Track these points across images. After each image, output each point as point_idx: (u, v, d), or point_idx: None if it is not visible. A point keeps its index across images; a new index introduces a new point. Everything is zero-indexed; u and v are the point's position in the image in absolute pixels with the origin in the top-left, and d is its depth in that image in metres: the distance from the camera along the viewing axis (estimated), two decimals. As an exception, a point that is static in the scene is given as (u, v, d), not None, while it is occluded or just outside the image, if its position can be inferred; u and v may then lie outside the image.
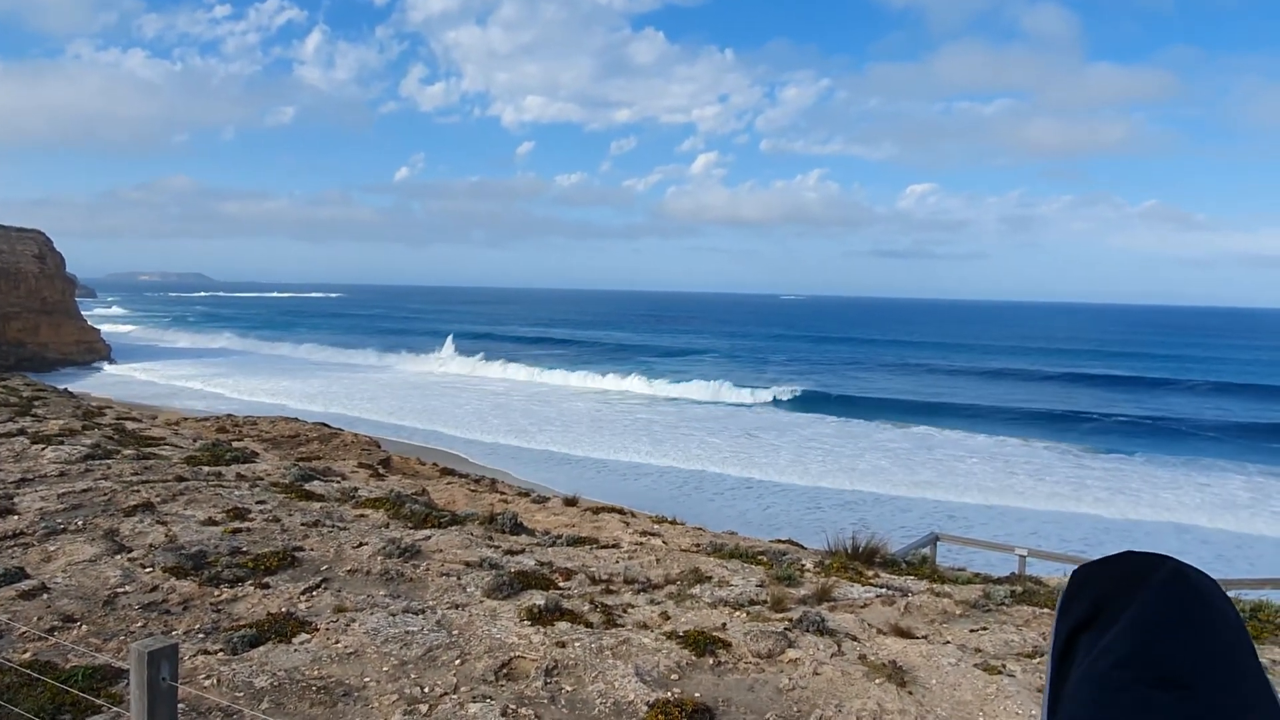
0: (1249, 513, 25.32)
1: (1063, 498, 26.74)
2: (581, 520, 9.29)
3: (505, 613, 5.41)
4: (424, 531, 7.30)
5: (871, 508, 24.73)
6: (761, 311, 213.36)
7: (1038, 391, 56.44)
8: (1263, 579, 11.39)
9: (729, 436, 36.69)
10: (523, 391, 51.26)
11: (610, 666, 4.71)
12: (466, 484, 13.96)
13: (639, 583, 6.14)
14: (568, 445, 33.07)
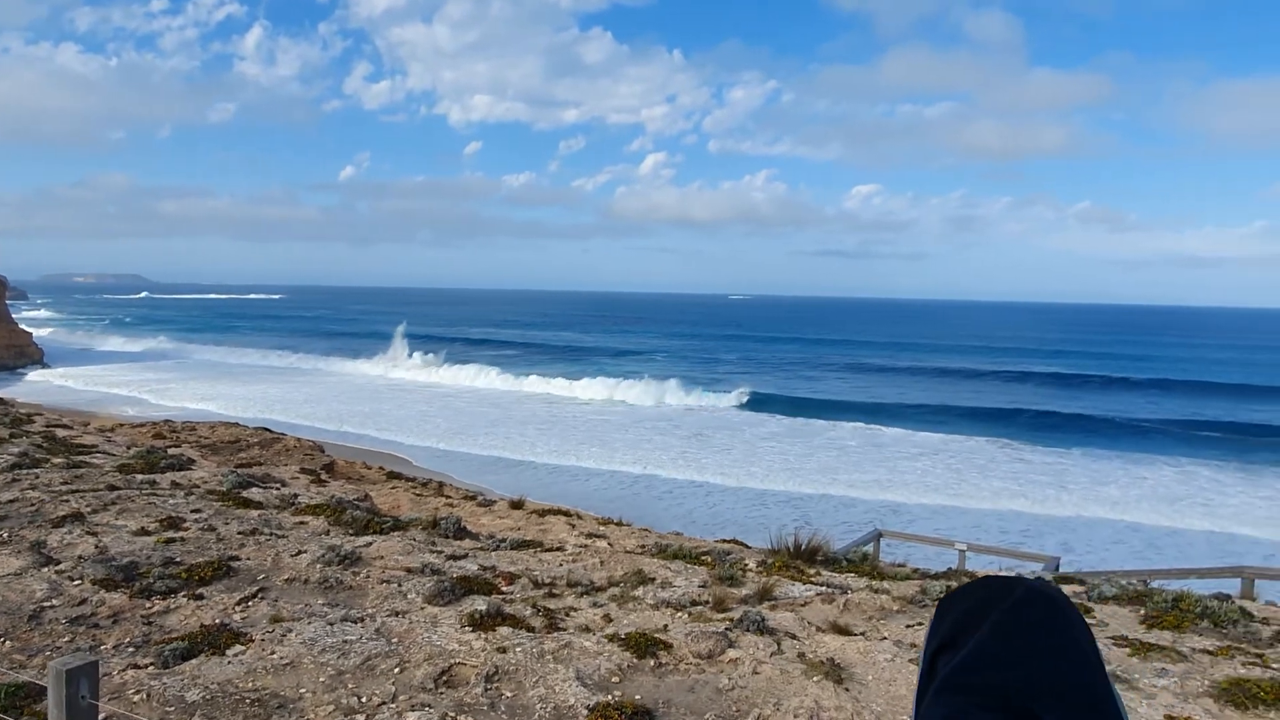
0: (1182, 505, 26.24)
1: (1005, 493, 27.40)
2: (527, 523, 9.26)
3: (446, 619, 5.37)
4: (365, 538, 7.20)
5: (818, 506, 25.05)
6: (710, 311, 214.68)
7: (981, 389, 57.71)
8: (1186, 569, 11.83)
9: (679, 437, 36.83)
10: (471, 394, 50.85)
11: (551, 671, 4.71)
12: (412, 488, 13.79)
13: (582, 585, 6.15)
14: (517, 448, 32.88)
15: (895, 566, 8.50)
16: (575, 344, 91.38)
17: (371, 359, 66.32)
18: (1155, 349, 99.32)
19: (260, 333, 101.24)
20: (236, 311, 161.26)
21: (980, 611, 0.79)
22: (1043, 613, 0.78)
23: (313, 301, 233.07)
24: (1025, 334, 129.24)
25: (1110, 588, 6.56)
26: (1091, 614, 6.10)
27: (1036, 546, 19.19)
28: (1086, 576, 8.08)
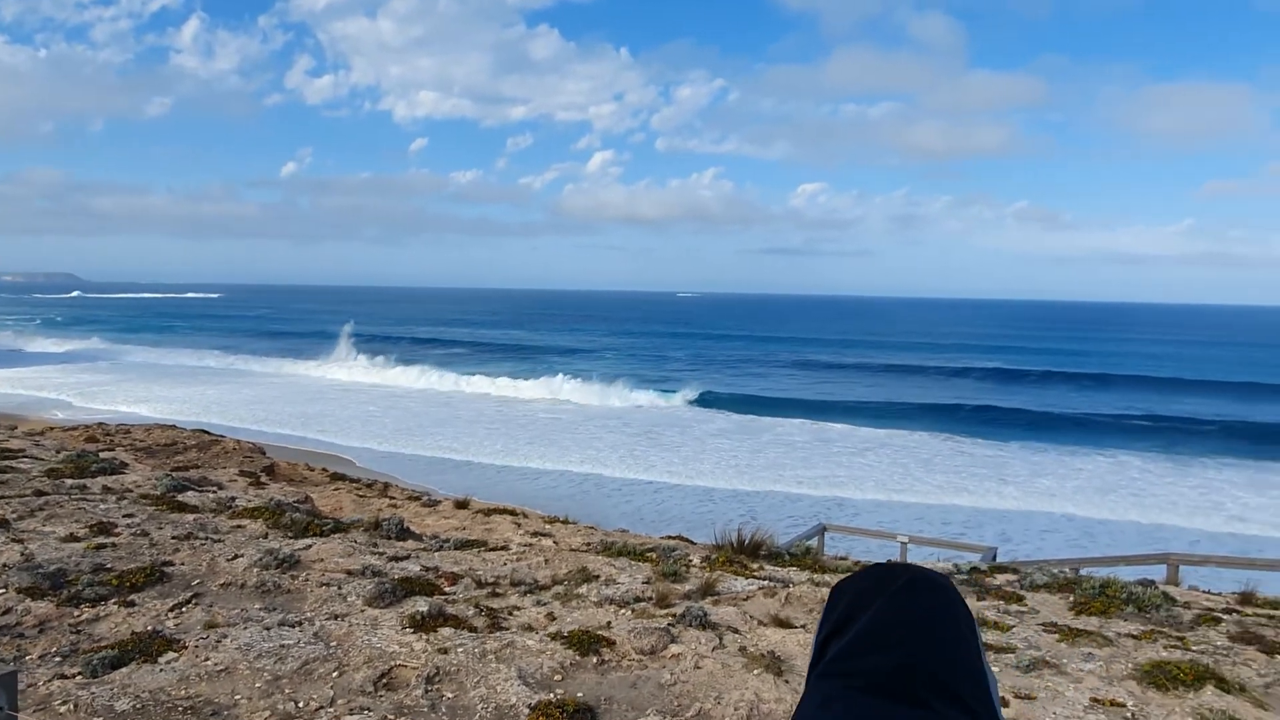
0: (1115, 495, 27.10)
1: (949, 486, 28.00)
2: (473, 523, 9.19)
3: (387, 621, 5.32)
4: (305, 540, 7.09)
5: (764, 502, 25.32)
6: (659, 309, 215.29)
7: (925, 385, 58.85)
8: (1116, 556, 12.25)
9: (627, 435, 36.88)
10: (418, 394, 50.24)
11: (493, 671, 4.70)
12: (355, 489, 13.60)
13: (526, 584, 6.13)
14: (464, 448, 32.59)
15: (838, 559, 8.63)
16: (524, 343, 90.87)
17: (316, 359, 65.09)
18: (1090, 344, 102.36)
19: (199, 333, 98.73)
20: (174, 311, 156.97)
21: (867, 598, 0.82)
22: (926, 599, 0.81)
23: (254, 301, 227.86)
24: (967, 330, 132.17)
25: (1042, 576, 6.76)
26: (1024, 602, 6.28)
27: (976, 537, 19.67)
28: (1020, 565, 8.32)
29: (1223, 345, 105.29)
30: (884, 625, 0.78)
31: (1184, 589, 8.20)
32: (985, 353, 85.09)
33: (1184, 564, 11.04)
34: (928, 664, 0.74)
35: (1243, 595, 7.03)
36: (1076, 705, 4.59)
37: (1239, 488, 28.65)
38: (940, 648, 0.76)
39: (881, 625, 0.78)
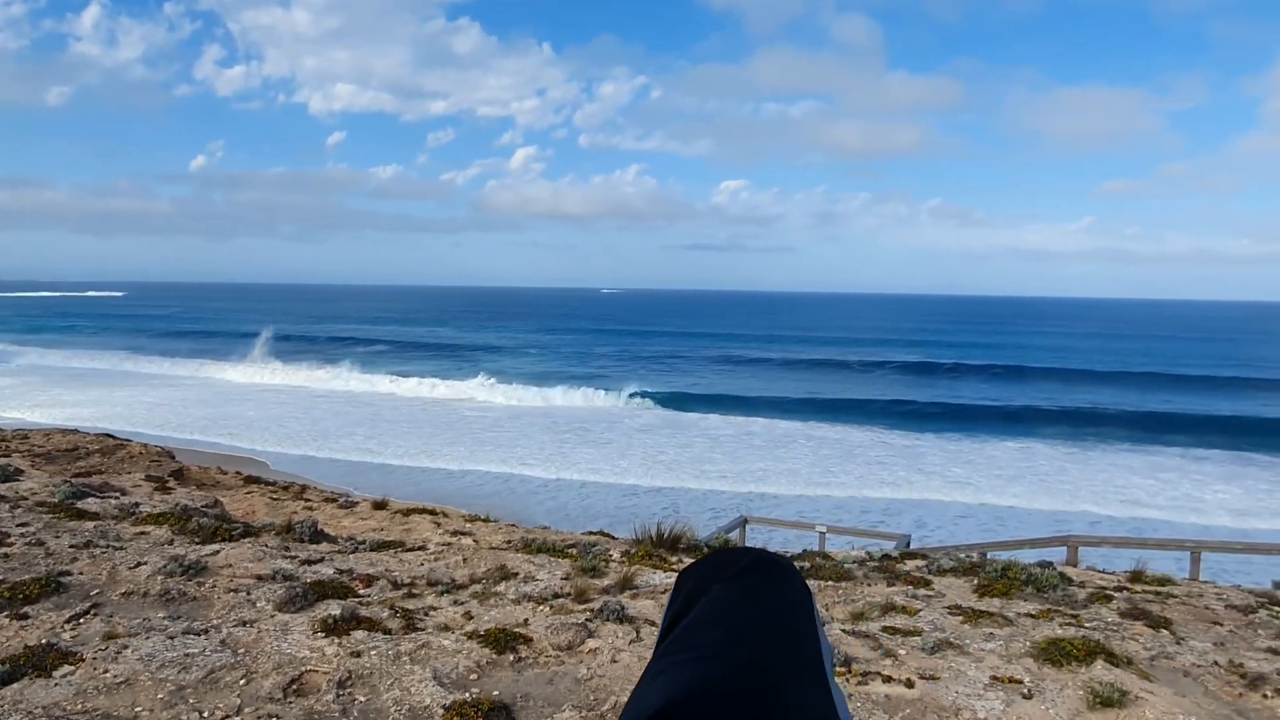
0: (1023, 482, 28.20)
1: (870, 477, 28.69)
2: (391, 523, 9.05)
3: (298, 626, 5.20)
4: (213, 546, 6.88)
5: (690, 496, 25.55)
6: (583, 306, 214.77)
7: (846, 378, 60.20)
8: (1020, 540, 12.78)
9: (553, 432, 36.75)
10: (339, 395, 49.07)
11: (407, 672, 4.64)
12: (270, 492, 13.22)
13: (443, 584, 6.07)
14: (386, 449, 31.97)
15: (756, 551, 8.79)
16: (448, 341, 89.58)
17: (230, 360, 62.94)
18: (1002, 337, 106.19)
19: (105, 333, 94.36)
20: (78, 310, 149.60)
21: (708, 581, 0.85)
22: (764, 579, 0.84)
23: (165, 298, 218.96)
24: (885, 325, 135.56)
25: (949, 561, 7.01)
26: (931, 586, 6.50)
27: (894, 525, 20.25)
28: (929, 551, 8.60)
29: (1121, 338, 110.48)
30: (720, 606, 0.81)
31: (1082, 569, 8.60)
32: (903, 347, 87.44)
33: (1082, 545, 11.60)
34: (759, 643, 0.77)
35: (1133, 573, 7.42)
36: (977, 684, 4.78)
37: (1135, 472, 30.15)
38: (774, 628, 0.79)
39: (718, 606, 0.81)
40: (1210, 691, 4.90)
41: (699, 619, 0.80)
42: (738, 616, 0.79)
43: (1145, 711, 4.48)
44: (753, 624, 0.78)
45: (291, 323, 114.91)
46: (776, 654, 0.75)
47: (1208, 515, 24.18)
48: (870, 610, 5.87)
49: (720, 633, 0.77)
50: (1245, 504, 25.83)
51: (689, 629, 0.79)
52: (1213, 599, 6.67)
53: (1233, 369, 66.25)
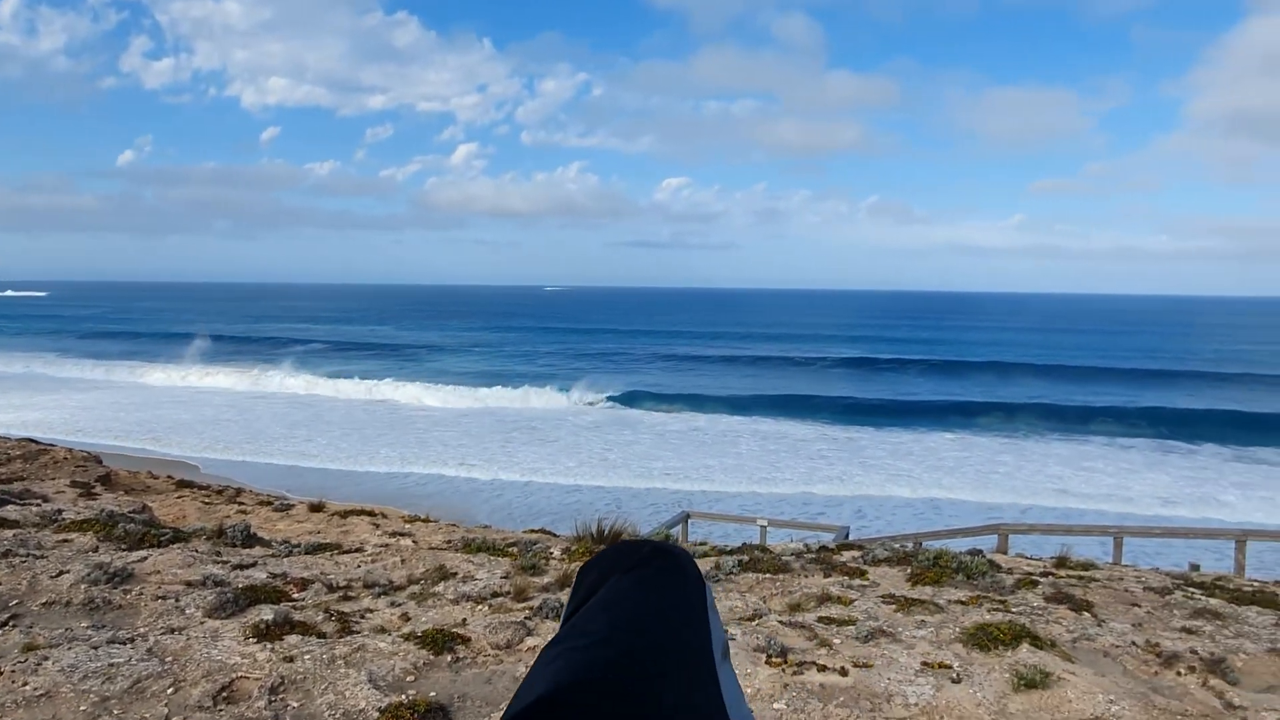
0: (960, 473, 28.91)
1: (815, 472, 29.09)
2: (328, 525, 8.90)
3: (228, 632, 5.09)
4: (140, 552, 6.68)
5: (635, 493, 25.61)
6: (527, 304, 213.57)
7: (789, 374, 60.95)
8: (954, 529, 13.13)
9: (498, 431, 36.50)
10: (277, 397, 48.00)
11: (342, 676, 4.58)
12: (203, 496, 12.89)
13: (380, 585, 6.00)
14: (326, 453, 31.36)
15: (697, 545, 8.85)
16: (389, 340, 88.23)
17: (162, 362, 61.11)
18: (941, 332, 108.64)
19: (27, 335, 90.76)
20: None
21: (608, 572, 0.87)
22: (658, 571, 0.86)
23: (92, 298, 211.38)
24: (827, 320, 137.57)
25: (883, 551, 7.16)
26: (866, 576, 6.64)
27: (835, 517, 20.60)
28: (865, 542, 8.78)
29: (1052, 331, 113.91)
30: (613, 596, 0.83)
31: (1012, 556, 8.86)
32: (845, 342, 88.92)
33: (1013, 533, 11.97)
34: (645, 630, 0.77)
35: (1058, 559, 7.68)
36: (909, 670, 4.90)
37: (1065, 462, 31.17)
38: (663, 616, 0.80)
39: (612, 596, 0.83)
40: (1128, 670, 5.09)
41: (591, 609, 0.82)
42: (627, 605, 0.81)
43: (1067, 692, 4.64)
44: (641, 613, 0.80)
45: (227, 322, 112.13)
46: (664, 641, 0.77)
47: (1133, 504, 25.09)
48: (807, 601, 5.97)
49: (609, 621, 0.78)
50: (1168, 491, 26.87)
51: (581, 618, 0.80)
52: (1132, 582, 6.94)
53: (1155, 361, 68.87)
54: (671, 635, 0.78)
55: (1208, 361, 70.29)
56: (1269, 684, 5.03)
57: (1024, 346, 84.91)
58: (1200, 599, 6.35)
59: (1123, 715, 4.43)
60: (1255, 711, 4.57)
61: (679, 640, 0.78)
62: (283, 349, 75.65)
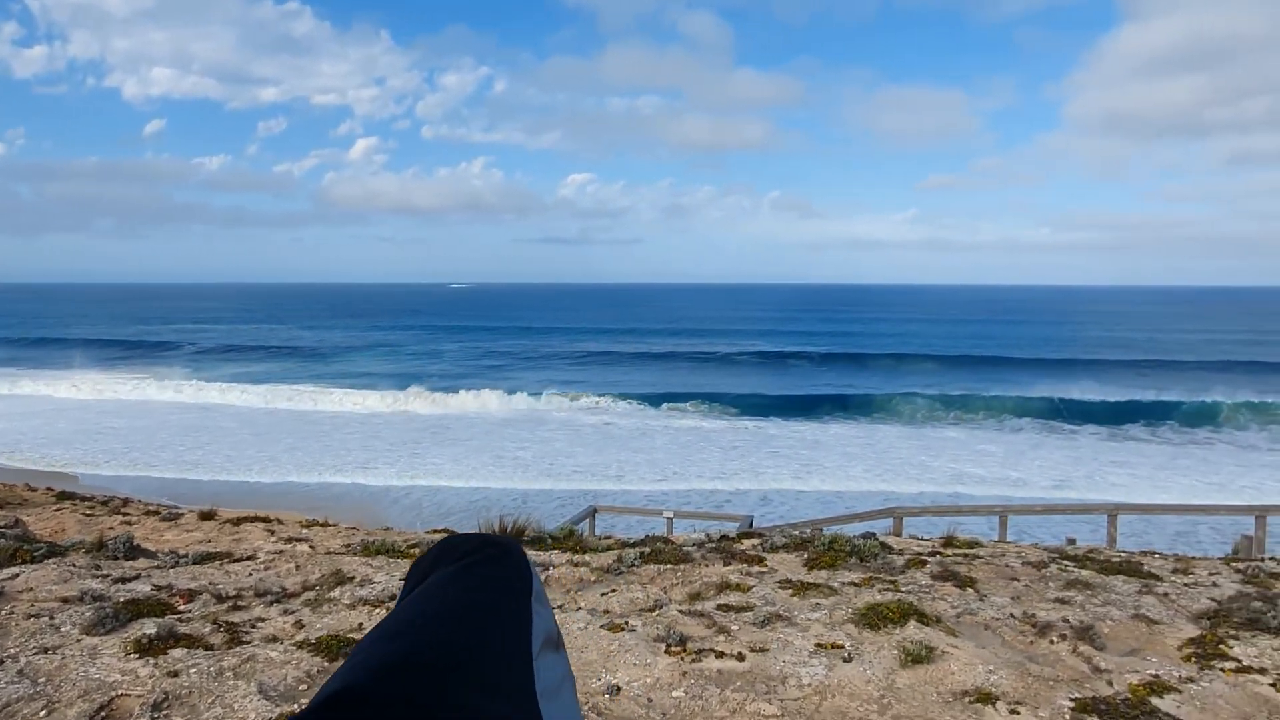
0: (862, 461, 29.85)
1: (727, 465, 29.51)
2: (219, 534, 8.57)
3: (108, 649, 4.87)
4: (11, 569, 6.32)
5: (542, 491, 25.51)
6: (432, 302, 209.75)
7: (697, 369, 61.75)
8: (851, 514, 13.59)
9: (405, 433, 35.80)
10: (168, 404, 45.84)
11: (231, 688, 4.44)
12: (85, 508, 12.22)
13: (273, 593, 5.83)
14: (219, 463, 30.10)
15: (602, 539, 8.90)
16: (289, 342, 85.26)
17: (40, 369, 57.58)
18: (839, 324, 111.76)
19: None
20: None
21: (434, 567, 0.87)
22: (479, 563, 0.86)
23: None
24: (734, 315, 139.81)
25: (781, 538, 7.35)
26: (765, 563, 6.80)
27: (742, 508, 20.99)
28: (766, 530, 8.99)
29: (943, 322, 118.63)
30: (431, 591, 0.83)
31: (905, 538, 9.21)
32: (753, 336, 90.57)
33: (907, 516, 12.46)
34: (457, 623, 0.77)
35: (946, 539, 8.03)
36: (803, 652, 5.05)
37: (960, 445, 32.60)
38: (481, 608, 0.80)
39: (429, 591, 0.82)
40: (1006, 642, 5.37)
41: (406, 603, 0.82)
42: (440, 599, 0.80)
43: (950, 664, 4.87)
44: (452, 606, 0.80)
45: (113, 326, 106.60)
46: (471, 634, 0.77)
47: (1020, 484, 26.38)
48: (707, 590, 6.08)
49: (418, 614, 0.78)
50: (1053, 470, 28.38)
51: (393, 613, 0.81)
52: (1013, 557, 7.32)
53: (1038, 350, 72.54)
54: (477, 628, 0.77)
55: (1085, 348, 74.56)
56: (1132, 647, 5.38)
57: (920, 337, 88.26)
58: (1073, 571, 6.74)
59: (1000, 684, 4.68)
60: (1119, 673, 4.89)
61: (488, 632, 0.77)
62: (174, 353, 72.38)
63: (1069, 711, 4.38)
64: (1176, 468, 29.22)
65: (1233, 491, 24.62)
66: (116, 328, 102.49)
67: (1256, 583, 6.51)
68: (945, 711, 4.44)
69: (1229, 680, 4.77)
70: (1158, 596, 6.14)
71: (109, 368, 59.02)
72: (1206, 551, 12.21)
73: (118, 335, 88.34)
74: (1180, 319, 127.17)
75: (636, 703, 4.47)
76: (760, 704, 4.47)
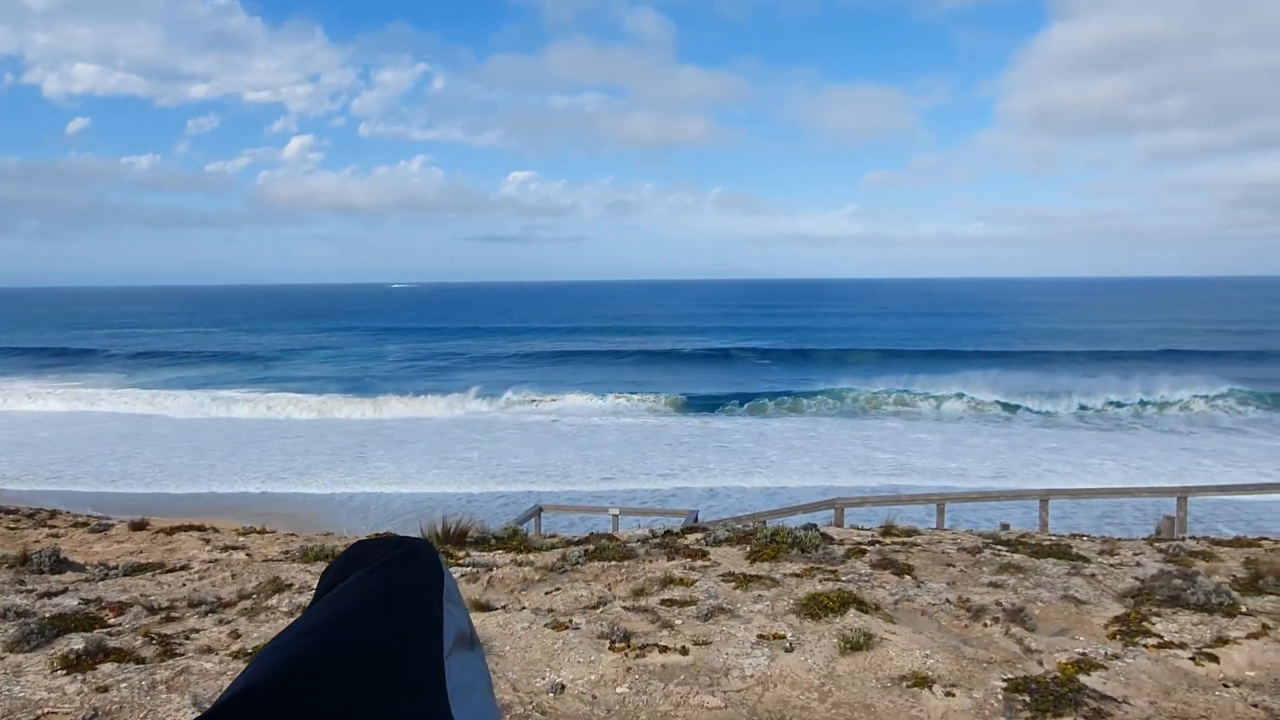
0: (806, 455, 30.25)
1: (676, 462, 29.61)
2: (152, 544, 8.33)
3: (33, 666, 4.71)
4: (-73, 589, 6.07)
5: (488, 491, 25.33)
6: (374, 302, 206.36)
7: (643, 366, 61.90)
8: (794, 506, 13.81)
9: (346, 436, 35.20)
10: (97, 414, 44.26)
11: (163, 702, 4.33)
12: (8, 521, 11.75)
13: (207, 604, 5.70)
14: (154, 472, 29.20)
15: (547, 537, 8.89)
16: (226, 347, 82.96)
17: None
18: (784, 319, 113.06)
19: None
20: None
21: (346, 570, 0.87)
22: (390, 564, 0.84)
23: None
24: (680, 311, 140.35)
25: (725, 532, 7.42)
26: (708, 557, 6.87)
27: (689, 503, 21.12)
28: (710, 525, 9.07)
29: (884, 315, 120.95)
30: (336, 595, 0.81)
31: (846, 528, 9.38)
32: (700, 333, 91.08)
33: (848, 506, 12.70)
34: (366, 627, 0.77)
35: (885, 527, 8.20)
36: (746, 643, 5.11)
37: (901, 435, 33.31)
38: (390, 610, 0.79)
39: (334, 595, 0.81)
40: (942, 626, 5.51)
41: (312, 610, 0.81)
42: (344, 601, 0.80)
43: (888, 651, 4.98)
44: (357, 608, 0.79)
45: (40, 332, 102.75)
46: (383, 635, 0.76)
47: (956, 473, 27.04)
48: (651, 586, 6.11)
49: (323, 619, 0.77)
50: (988, 460, 29.15)
51: (300, 619, 0.80)
52: (949, 544, 7.50)
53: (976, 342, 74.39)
54: (385, 629, 0.77)
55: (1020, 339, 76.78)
56: (1061, 628, 5.56)
57: (862, 331, 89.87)
58: (1006, 555, 6.94)
59: (936, 668, 4.80)
60: (1049, 653, 5.05)
61: (396, 633, 0.77)
62: (105, 359, 70.00)
63: (1002, 692, 4.51)
64: (1105, 452, 30.27)
65: (1155, 475, 25.61)
66: (44, 334, 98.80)
67: (1177, 561, 6.78)
68: (884, 696, 4.55)
69: (1151, 656, 4.97)
70: (1085, 578, 6.36)
71: (35, 376, 56.87)
72: (1131, 532, 12.72)
73: (45, 342, 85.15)
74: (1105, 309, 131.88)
75: (581, 700, 4.48)
76: (704, 696, 4.52)
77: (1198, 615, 5.45)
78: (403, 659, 0.75)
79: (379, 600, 0.81)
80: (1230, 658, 4.88)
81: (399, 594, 0.82)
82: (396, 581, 0.84)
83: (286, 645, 0.74)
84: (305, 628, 0.77)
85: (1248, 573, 6.37)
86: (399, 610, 0.80)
